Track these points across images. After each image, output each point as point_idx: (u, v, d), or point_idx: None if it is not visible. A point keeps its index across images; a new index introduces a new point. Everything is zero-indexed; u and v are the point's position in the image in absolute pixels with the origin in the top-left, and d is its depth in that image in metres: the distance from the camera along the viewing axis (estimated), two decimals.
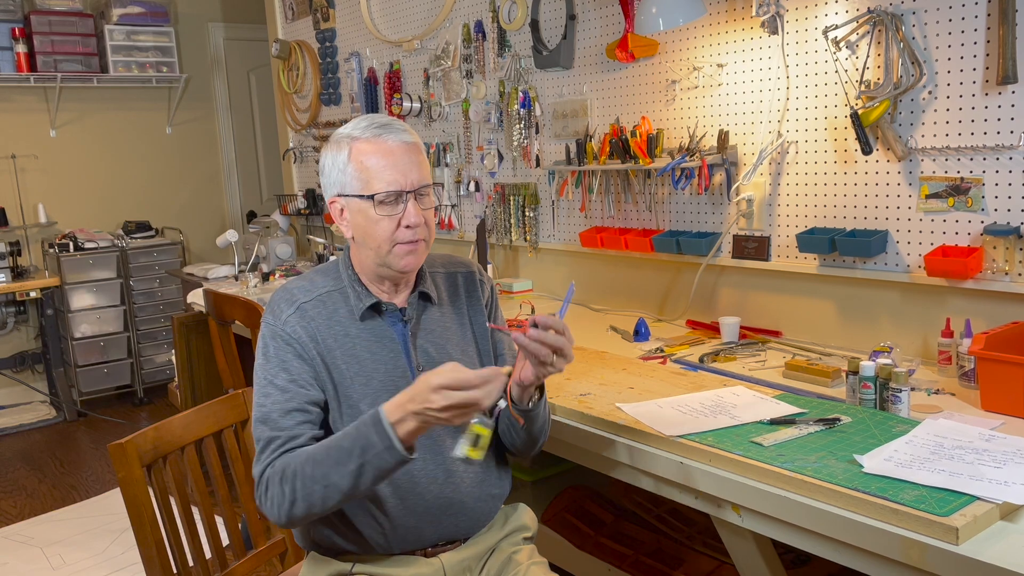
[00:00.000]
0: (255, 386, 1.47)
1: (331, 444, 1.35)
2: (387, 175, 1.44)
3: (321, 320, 1.49)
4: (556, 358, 1.37)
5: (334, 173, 1.49)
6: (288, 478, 1.35)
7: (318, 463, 1.33)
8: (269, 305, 1.52)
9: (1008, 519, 1.22)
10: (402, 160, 1.45)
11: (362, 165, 1.46)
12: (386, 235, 1.46)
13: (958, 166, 1.95)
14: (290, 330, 1.46)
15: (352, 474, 1.31)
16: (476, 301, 1.64)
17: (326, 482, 1.32)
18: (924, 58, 1.97)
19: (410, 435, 1.29)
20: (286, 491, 1.34)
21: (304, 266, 4.18)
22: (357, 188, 1.47)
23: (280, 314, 1.48)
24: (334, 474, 1.31)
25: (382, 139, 1.46)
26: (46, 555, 3.23)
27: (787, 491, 1.36)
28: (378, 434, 1.29)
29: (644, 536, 2.31)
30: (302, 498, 1.34)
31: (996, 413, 1.65)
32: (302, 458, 1.35)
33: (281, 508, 1.36)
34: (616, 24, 2.72)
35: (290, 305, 1.49)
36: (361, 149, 1.46)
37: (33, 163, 5.22)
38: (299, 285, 1.54)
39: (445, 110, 3.57)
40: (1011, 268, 1.87)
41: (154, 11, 5.35)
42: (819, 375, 1.90)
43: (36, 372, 5.32)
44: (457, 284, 1.64)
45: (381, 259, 1.48)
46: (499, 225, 3.35)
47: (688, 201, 2.60)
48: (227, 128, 6.02)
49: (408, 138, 1.48)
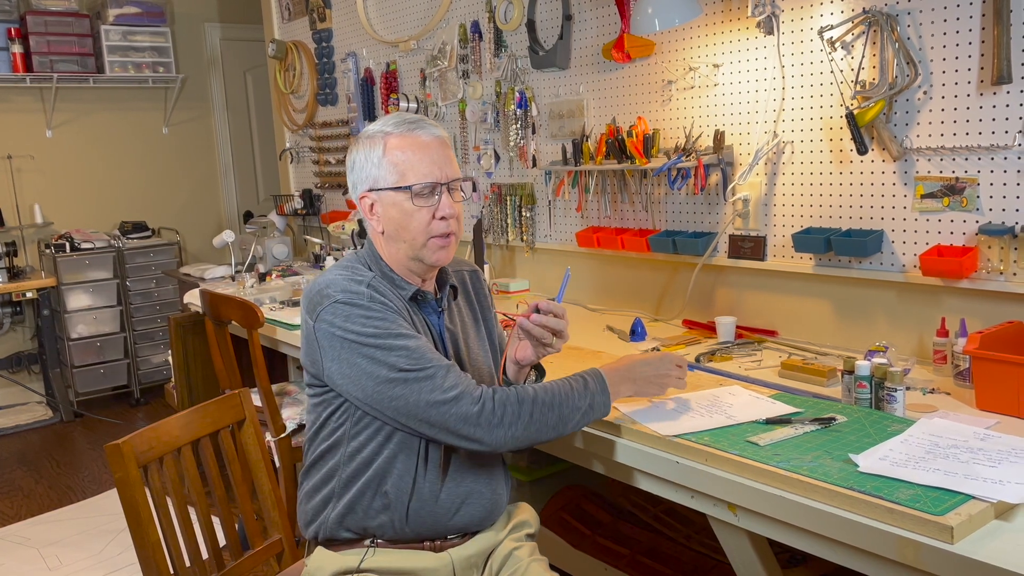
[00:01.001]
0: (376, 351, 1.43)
1: (560, 384, 1.51)
2: (422, 167, 1.50)
3: (391, 296, 1.51)
4: (556, 339, 1.57)
5: (367, 168, 1.53)
6: (526, 402, 1.45)
7: (554, 394, 1.48)
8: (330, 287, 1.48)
9: (1003, 518, 1.23)
10: (437, 154, 1.52)
11: (397, 158, 1.50)
12: (422, 227, 1.50)
13: (953, 166, 1.95)
14: (380, 300, 1.47)
15: (582, 412, 1.49)
16: (484, 297, 1.75)
17: (561, 412, 1.47)
18: (919, 58, 1.97)
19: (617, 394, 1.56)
20: (524, 412, 1.44)
21: (301, 266, 4.18)
22: (392, 181, 1.51)
23: (358, 289, 1.47)
24: (569, 407, 1.48)
25: (416, 134, 1.51)
26: (43, 556, 3.22)
27: (783, 490, 1.37)
28: (600, 387, 1.52)
29: (641, 535, 2.31)
30: (538, 421, 1.45)
31: (991, 412, 1.66)
32: (537, 388, 1.48)
33: (514, 427, 1.43)
34: (612, 24, 2.72)
35: (359, 283, 1.48)
36: (396, 144, 1.51)
37: (29, 163, 5.22)
38: (346, 273, 1.52)
39: (442, 110, 3.57)
40: (1006, 268, 1.88)
41: (150, 11, 5.34)
42: (815, 375, 1.90)
43: (32, 373, 5.31)
44: (466, 281, 1.74)
45: (415, 252, 1.53)
46: (496, 225, 3.35)
47: (684, 201, 2.60)
48: (224, 128, 6.02)
49: (440, 133, 1.54)
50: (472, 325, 1.69)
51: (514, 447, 1.46)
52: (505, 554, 1.62)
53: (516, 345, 1.63)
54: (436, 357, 1.46)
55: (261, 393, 2.69)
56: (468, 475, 1.57)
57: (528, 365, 1.66)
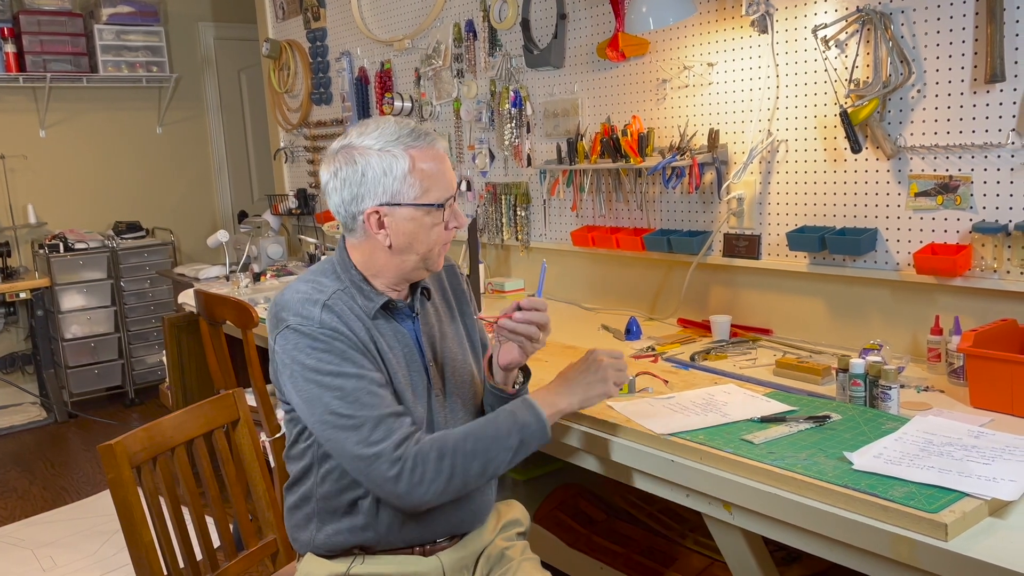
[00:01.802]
0: (315, 387, 1.40)
1: (483, 424, 1.45)
2: (444, 181, 1.48)
3: (348, 314, 1.45)
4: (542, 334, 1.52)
5: (385, 182, 1.44)
6: (447, 454, 1.39)
7: (478, 439, 1.42)
8: (285, 309, 1.45)
9: (996, 515, 1.23)
10: (448, 165, 1.51)
11: (424, 174, 1.46)
12: (440, 239, 1.50)
13: (947, 164, 1.96)
14: (330, 326, 1.42)
15: (512, 450, 1.43)
16: (461, 293, 1.70)
17: (486, 457, 1.41)
18: (913, 57, 1.98)
19: (559, 415, 1.50)
20: (444, 467, 1.38)
21: (295, 266, 4.17)
22: (413, 196, 1.45)
23: (311, 314, 1.43)
24: (495, 450, 1.42)
25: (434, 147, 1.48)
26: (37, 557, 3.21)
27: (777, 488, 1.37)
28: (531, 416, 1.45)
29: (636, 534, 2.31)
30: (461, 473, 1.40)
31: (985, 410, 1.66)
32: (457, 435, 1.42)
33: (434, 484, 1.38)
34: (607, 23, 2.72)
35: (314, 305, 1.44)
36: (421, 157, 1.46)
37: (22, 163, 5.20)
38: (307, 287, 1.48)
39: (436, 109, 3.57)
40: (999, 266, 1.88)
41: (144, 10, 5.33)
42: (809, 373, 1.90)
43: (26, 373, 5.29)
44: (442, 279, 1.68)
45: (426, 264, 1.51)
46: (491, 224, 3.35)
47: (679, 200, 2.60)
48: (218, 128, 6.00)
49: (445, 143, 1.53)
50: (449, 323, 1.64)
51: (439, 502, 1.41)
52: (496, 554, 1.61)
53: (499, 350, 1.55)
54: (371, 403, 1.39)
55: (256, 393, 2.69)
56: None
57: (515, 368, 1.57)
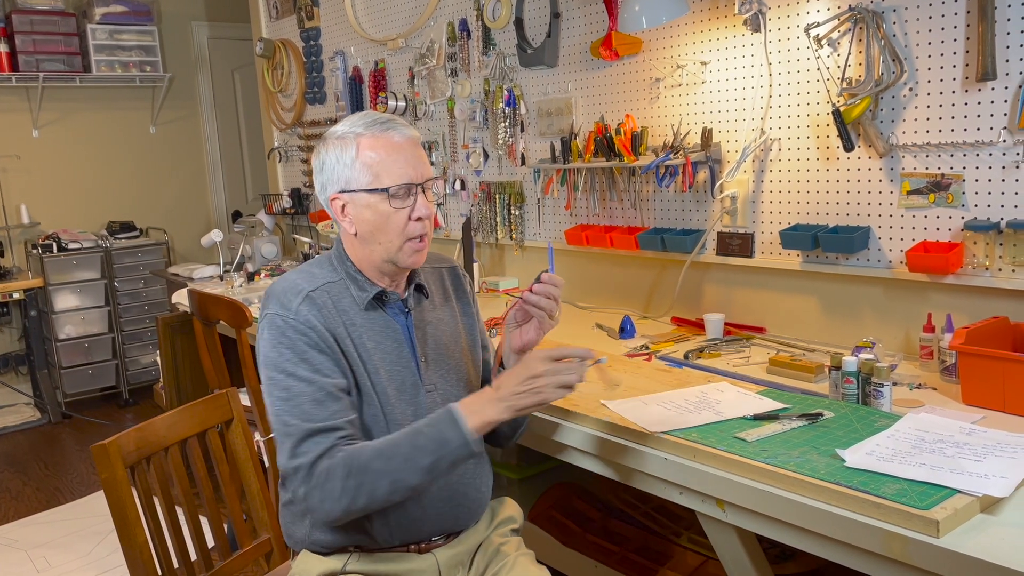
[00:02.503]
0: (268, 381, 1.44)
1: (400, 440, 1.38)
2: (398, 169, 1.47)
3: (330, 308, 1.48)
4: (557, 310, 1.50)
5: (338, 169, 1.49)
6: (354, 472, 1.35)
7: (388, 458, 1.36)
8: (271, 297, 1.49)
9: (988, 512, 1.24)
10: (410, 154, 1.49)
11: (372, 160, 1.47)
12: (398, 229, 1.48)
13: (939, 162, 1.96)
14: (303, 319, 1.44)
15: (425, 470, 1.35)
16: (463, 295, 1.70)
17: (395, 477, 1.35)
18: (905, 55, 1.98)
19: (487, 426, 1.37)
20: (350, 485, 1.35)
21: (290, 265, 4.17)
22: (365, 182, 1.47)
23: (289, 304, 1.46)
24: (405, 470, 1.35)
25: (388, 135, 1.48)
26: (31, 558, 3.21)
27: (771, 486, 1.37)
28: (455, 431, 1.35)
29: (630, 532, 2.31)
30: (367, 493, 1.35)
31: (977, 407, 1.67)
32: (368, 453, 1.37)
33: (339, 502, 1.36)
34: (600, 22, 2.72)
35: (297, 295, 1.47)
36: (369, 144, 1.47)
37: (15, 163, 5.18)
38: (299, 276, 1.52)
39: (430, 109, 3.57)
40: (991, 263, 1.89)
41: (137, 10, 5.32)
42: (802, 371, 1.91)
43: (20, 374, 5.28)
44: (444, 279, 1.69)
45: (390, 255, 1.50)
46: (485, 223, 3.35)
47: (672, 199, 2.61)
48: (212, 127, 5.99)
49: (411, 133, 1.51)
50: (449, 323, 1.64)
51: (348, 518, 1.41)
52: (492, 550, 1.61)
53: (516, 333, 1.53)
54: (308, 413, 1.39)
55: (249, 393, 2.68)
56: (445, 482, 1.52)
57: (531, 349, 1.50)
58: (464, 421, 1.36)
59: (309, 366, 1.42)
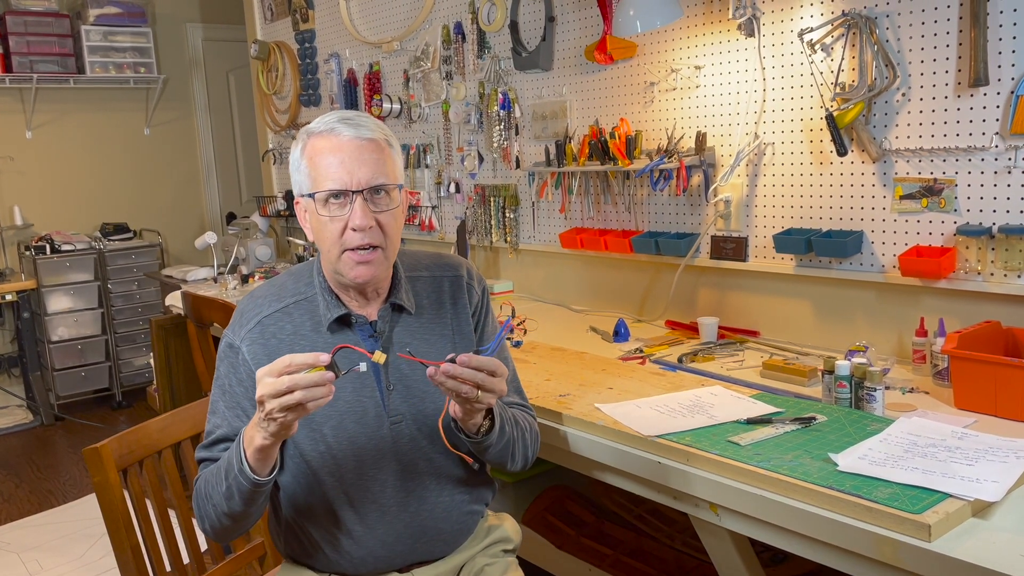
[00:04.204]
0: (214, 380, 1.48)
1: (220, 463, 1.34)
2: (332, 172, 1.33)
3: (283, 336, 1.40)
4: (481, 392, 1.25)
5: (293, 171, 1.40)
6: (197, 496, 1.39)
7: (208, 483, 1.36)
8: (237, 311, 1.47)
9: (979, 516, 1.24)
10: (351, 157, 1.33)
11: (312, 162, 1.35)
12: (333, 239, 1.34)
13: (931, 167, 1.97)
14: (246, 349, 1.40)
15: (224, 495, 1.30)
16: (462, 308, 1.51)
17: (212, 502, 1.34)
18: (898, 60, 1.99)
19: (257, 452, 1.23)
20: (197, 507, 1.39)
21: (283, 268, 4.16)
22: (307, 187, 1.36)
23: (239, 329, 1.42)
24: (215, 494, 1.32)
25: (335, 134, 1.34)
26: (23, 561, 3.19)
27: (764, 490, 1.38)
28: (237, 456, 1.26)
29: (624, 536, 2.32)
30: (203, 516, 1.37)
31: (969, 411, 1.67)
32: (205, 476, 1.39)
33: (204, 520, 1.38)
34: (595, 26, 2.73)
35: (252, 319, 1.42)
36: (314, 145, 1.36)
37: (9, 165, 5.17)
38: (267, 292, 1.46)
39: (425, 111, 3.57)
40: (983, 268, 1.90)
41: (131, 11, 5.31)
42: (795, 374, 1.91)
43: (12, 376, 5.26)
44: (442, 290, 1.51)
45: (332, 265, 1.38)
46: (479, 226, 3.35)
47: (667, 202, 2.61)
48: (206, 129, 5.98)
49: (366, 133, 1.35)
50: (436, 341, 1.47)
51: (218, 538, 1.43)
52: (476, 570, 1.54)
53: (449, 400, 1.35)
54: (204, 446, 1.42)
55: None
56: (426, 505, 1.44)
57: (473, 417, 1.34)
58: (244, 446, 1.25)
59: (226, 401, 1.42)
